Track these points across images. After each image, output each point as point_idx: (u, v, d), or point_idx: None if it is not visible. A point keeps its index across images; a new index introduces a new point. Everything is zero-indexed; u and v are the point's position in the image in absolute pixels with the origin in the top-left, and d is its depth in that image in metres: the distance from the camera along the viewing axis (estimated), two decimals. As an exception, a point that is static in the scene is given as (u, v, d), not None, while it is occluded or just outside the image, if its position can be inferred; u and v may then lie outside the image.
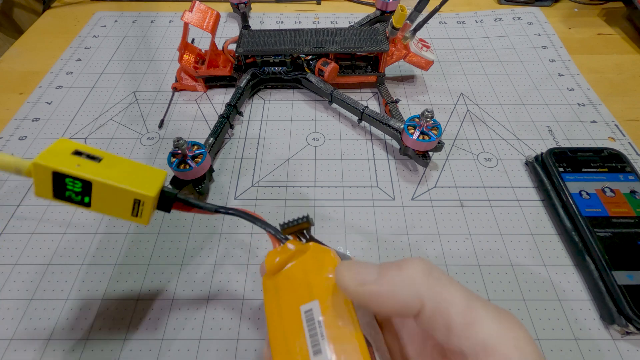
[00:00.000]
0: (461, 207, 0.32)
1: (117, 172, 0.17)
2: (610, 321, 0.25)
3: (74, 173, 0.16)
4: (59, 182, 0.17)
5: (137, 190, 0.17)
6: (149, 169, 0.18)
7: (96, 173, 0.17)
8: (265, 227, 0.18)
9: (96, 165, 0.17)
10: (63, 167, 0.16)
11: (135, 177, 0.18)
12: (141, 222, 0.18)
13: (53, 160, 0.16)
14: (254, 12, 0.54)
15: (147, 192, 0.17)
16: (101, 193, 0.17)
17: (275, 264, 0.17)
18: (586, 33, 0.50)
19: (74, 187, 0.17)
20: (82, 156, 0.17)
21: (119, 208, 0.18)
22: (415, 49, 0.39)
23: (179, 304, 0.27)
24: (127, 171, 0.18)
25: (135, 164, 0.18)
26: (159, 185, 0.18)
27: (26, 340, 0.25)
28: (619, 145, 0.36)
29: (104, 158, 0.18)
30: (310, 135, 0.38)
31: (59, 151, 0.17)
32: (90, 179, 0.17)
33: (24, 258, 0.29)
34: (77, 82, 0.43)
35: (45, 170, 0.16)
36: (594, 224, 0.28)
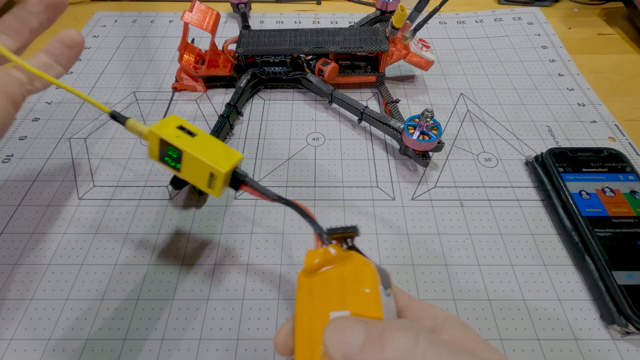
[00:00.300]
0: (461, 207, 0.32)
1: (203, 148, 0.20)
2: (610, 321, 0.25)
3: (171, 142, 0.20)
4: (163, 148, 0.21)
5: (212, 165, 0.20)
6: (230, 150, 0.21)
7: (187, 145, 0.20)
8: (312, 225, 0.19)
9: (190, 139, 0.21)
10: (166, 136, 0.20)
11: (216, 154, 0.20)
12: (213, 194, 0.21)
13: (162, 130, 0.20)
14: (254, 12, 0.54)
15: (220, 169, 0.20)
16: (188, 162, 0.20)
17: (314, 264, 0.17)
18: (586, 33, 0.50)
19: (172, 154, 0.21)
20: (183, 131, 0.21)
21: (199, 178, 0.20)
22: (415, 49, 0.39)
23: (179, 304, 0.27)
24: (211, 148, 0.21)
25: (221, 144, 0.21)
26: (232, 165, 0.20)
27: (26, 340, 0.25)
28: (619, 145, 0.36)
29: (198, 135, 0.21)
30: (310, 135, 0.38)
31: (168, 124, 0.21)
32: (182, 148, 0.20)
33: (24, 258, 0.29)
34: (77, 82, 0.43)
35: (155, 136, 0.20)
36: (594, 224, 0.28)
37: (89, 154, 0.36)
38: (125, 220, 0.31)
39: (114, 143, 0.37)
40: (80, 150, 0.36)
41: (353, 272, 0.17)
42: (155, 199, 0.33)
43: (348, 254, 0.18)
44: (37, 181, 0.34)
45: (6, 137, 0.37)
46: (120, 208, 0.32)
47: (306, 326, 0.17)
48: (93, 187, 0.33)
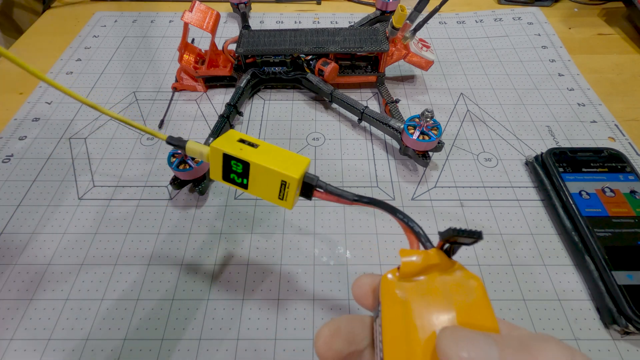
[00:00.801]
0: (461, 207, 0.32)
1: (269, 157, 0.20)
2: (610, 321, 0.25)
3: (236, 155, 0.19)
4: (227, 165, 0.20)
5: (283, 172, 0.19)
6: (296, 156, 0.20)
7: (253, 157, 0.19)
8: (410, 224, 0.16)
9: (254, 150, 0.20)
10: (230, 150, 0.20)
11: (284, 162, 0.19)
12: (286, 207, 0.20)
13: (224, 145, 0.20)
14: (254, 12, 0.54)
15: (292, 174, 0.19)
16: (256, 174, 0.20)
17: (412, 268, 0.15)
18: (586, 33, 0.50)
19: (237, 169, 0.20)
20: (244, 143, 0.20)
21: (269, 190, 0.20)
22: (415, 49, 0.39)
23: (179, 304, 0.27)
24: (278, 156, 0.20)
25: (284, 151, 0.20)
26: (303, 169, 0.19)
27: (26, 340, 0.25)
28: (619, 145, 0.36)
29: (260, 145, 0.20)
30: (310, 135, 0.38)
31: (228, 139, 0.20)
32: (248, 160, 0.19)
33: (24, 258, 0.29)
34: (77, 82, 0.43)
35: (218, 152, 0.20)
36: (594, 224, 0.28)
37: (89, 154, 0.36)
38: (125, 220, 0.31)
39: (114, 143, 0.37)
40: (80, 150, 0.36)
41: (459, 285, 0.14)
42: (155, 199, 0.33)
43: (452, 263, 0.15)
44: (37, 181, 0.34)
45: (6, 137, 0.37)
46: (120, 208, 0.32)
47: (401, 338, 0.14)
48: (93, 187, 0.33)
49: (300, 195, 0.20)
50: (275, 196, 0.20)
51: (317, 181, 0.20)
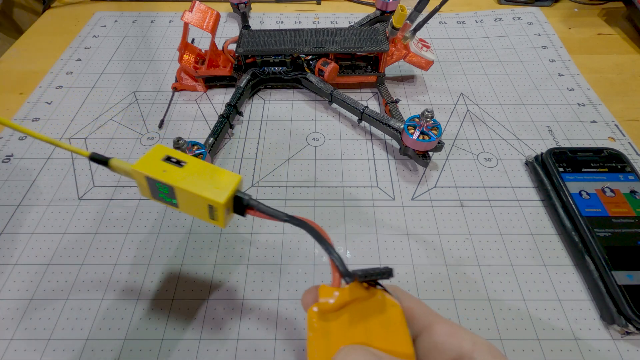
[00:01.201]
0: (461, 207, 0.32)
1: (195, 178, 0.18)
2: (610, 321, 0.25)
3: (159, 178, 0.18)
4: (153, 185, 0.19)
5: (208, 197, 0.18)
6: (226, 174, 0.19)
7: (177, 179, 0.18)
8: (331, 255, 0.16)
9: (179, 170, 0.19)
10: (152, 173, 0.18)
11: (211, 182, 0.18)
12: (218, 225, 0.19)
13: (146, 166, 0.18)
14: (254, 12, 0.54)
15: (218, 199, 0.18)
16: (182, 197, 0.19)
17: (330, 305, 0.15)
18: (586, 33, 0.50)
19: (164, 190, 0.19)
20: (170, 162, 0.19)
21: (199, 211, 0.19)
22: (415, 49, 0.39)
23: (179, 304, 0.27)
24: (205, 176, 0.19)
25: (215, 169, 0.19)
26: (231, 191, 0.18)
27: (26, 340, 0.25)
28: (619, 145, 0.36)
29: (188, 163, 0.19)
30: (310, 135, 0.38)
31: (153, 157, 0.19)
32: (171, 184, 0.18)
33: (24, 258, 0.29)
34: (77, 82, 0.43)
35: (140, 175, 0.18)
36: (594, 224, 0.28)
37: (89, 154, 0.36)
38: (125, 220, 0.31)
39: (114, 143, 0.37)
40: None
41: (378, 314, 0.15)
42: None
43: (372, 292, 0.15)
44: (37, 181, 0.34)
45: (6, 137, 0.37)
46: (120, 208, 0.32)
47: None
48: (93, 187, 0.33)
49: (235, 212, 0.19)
50: (207, 216, 0.19)
51: (248, 201, 0.19)
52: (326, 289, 0.15)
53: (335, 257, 0.16)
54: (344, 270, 0.16)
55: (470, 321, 0.26)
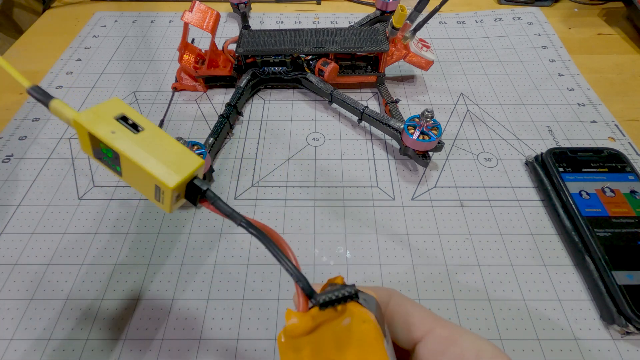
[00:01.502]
0: (461, 207, 0.32)
1: (149, 150, 0.15)
2: (610, 321, 0.25)
3: (104, 140, 0.15)
4: (95, 144, 0.16)
5: (157, 177, 0.15)
6: (188, 154, 0.16)
7: (126, 145, 0.15)
8: (292, 275, 0.14)
9: (132, 136, 0.16)
10: (97, 131, 0.15)
11: (167, 160, 0.15)
12: (164, 209, 0.16)
13: (93, 121, 0.15)
14: (254, 12, 0.54)
15: (167, 182, 0.15)
16: (128, 167, 0.16)
17: (299, 330, 0.14)
18: (586, 33, 0.50)
19: (107, 153, 0.16)
20: (124, 123, 0.16)
21: (144, 187, 0.16)
22: (415, 49, 0.39)
23: (179, 304, 0.27)
24: (161, 151, 0.16)
25: (176, 144, 0.16)
26: (185, 176, 0.15)
27: (26, 340, 0.25)
28: (619, 145, 0.36)
29: (145, 129, 0.16)
30: (310, 135, 0.38)
31: (104, 111, 0.16)
32: (117, 150, 0.15)
33: (24, 258, 0.29)
34: (77, 82, 0.43)
35: (82, 129, 0.16)
36: (594, 224, 0.28)
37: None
38: (125, 220, 0.31)
39: (114, 143, 0.37)
40: (81, 150, 0.36)
41: (350, 332, 0.14)
42: (155, 199, 0.33)
43: (343, 310, 0.14)
44: (37, 181, 0.34)
45: (6, 137, 0.37)
46: (120, 208, 0.32)
47: None
48: (93, 187, 0.33)
49: (186, 198, 0.16)
50: (152, 196, 0.16)
51: (206, 191, 0.16)
52: (292, 313, 0.14)
53: (297, 277, 0.14)
54: (309, 292, 0.14)
55: (470, 321, 0.26)
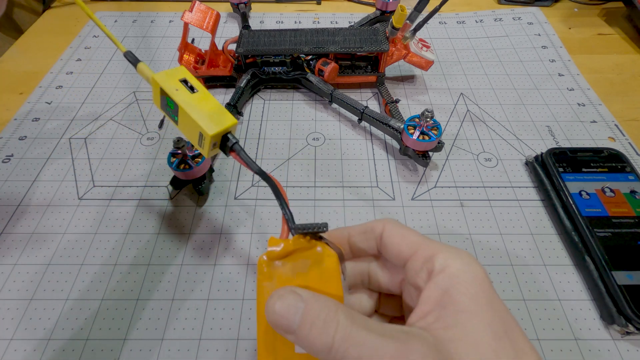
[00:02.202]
0: (461, 207, 0.32)
1: (199, 105, 0.20)
2: (610, 321, 0.25)
3: (169, 93, 0.20)
4: (164, 97, 0.21)
5: (201, 125, 0.20)
6: (226, 114, 0.21)
7: (183, 100, 0.20)
8: (283, 210, 0.18)
9: (189, 94, 0.21)
10: (166, 87, 0.20)
11: (210, 115, 0.20)
12: (203, 153, 0.21)
13: (164, 80, 0.21)
14: (254, 12, 0.54)
15: (208, 130, 0.20)
16: (183, 117, 0.21)
17: (277, 253, 0.17)
18: (586, 33, 0.50)
19: (170, 105, 0.21)
20: (185, 84, 0.21)
21: (191, 134, 0.21)
22: (415, 49, 0.39)
23: (178, 304, 0.27)
24: (208, 108, 0.21)
25: (219, 106, 0.21)
26: (221, 129, 0.20)
27: (26, 340, 0.25)
28: (619, 145, 0.36)
29: (199, 92, 0.21)
30: (310, 135, 0.38)
31: (173, 74, 0.21)
32: (177, 102, 0.20)
33: (24, 258, 0.29)
34: (77, 82, 0.43)
35: (156, 84, 0.21)
36: (594, 224, 0.28)
37: (89, 154, 0.36)
38: (125, 220, 0.31)
39: (114, 143, 0.37)
40: (80, 150, 0.36)
41: (315, 260, 0.17)
42: (155, 199, 0.33)
43: (313, 244, 0.18)
44: (37, 181, 0.34)
45: (6, 137, 0.37)
46: (120, 208, 0.32)
47: None
48: (93, 187, 0.33)
49: (221, 149, 0.21)
50: (196, 142, 0.21)
51: (233, 143, 0.21)
52: (274, 240, 0.18)
53: (287, 212, 0.18)
54: (292, 224, 0.18)
55: (470, 321, 0.26)
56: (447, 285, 0.16)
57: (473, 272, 0.16)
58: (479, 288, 0.15)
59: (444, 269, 0.16)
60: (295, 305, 0.15)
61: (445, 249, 0.17)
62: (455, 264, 0.16)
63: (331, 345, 0.14)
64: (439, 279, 0.16)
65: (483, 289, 0.15)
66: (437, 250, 0.17)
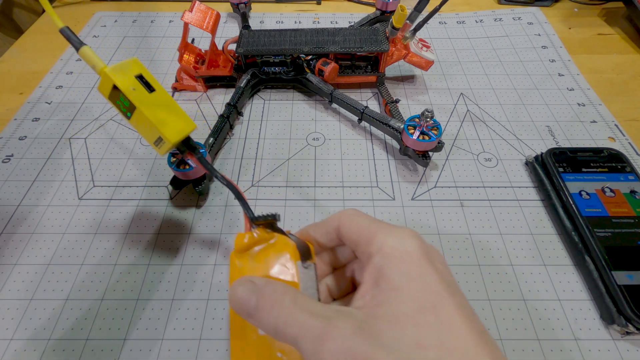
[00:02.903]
0: (461, 207, 0.32)
1: (158, 108, 0.20)
2: (610, 321, 0.25)
3: (127, 94, 0.20)
4: (115, 93, 0.20)
5: (163, 132, 0.20)
6: (185, 118, 0.21)
7: (142, 102, 0.20)
8: (244, 209, 0.20)
9: (147, 94, 0.20)
10: (122, 85, 0.19)
11: (171, 119, 0.21)
12: (158, 152, 0.22)
13: (118, 76, 0.20)
14: (254, 12, 0.54)
15: (170, 138, 0.20)
16: (139, 117, 0.20)
17: (243, 245, 0.19)
18: (586, 33, 0.50)
19: (123, 102, 0.20)
20: (141, 81, 0.20)
21: (147, 134, 0.21)
22: (415, 49, 0.39)
23: (179, 304, 0.27)
24: (166, 110, 0.21)
25: (176, 107, 0.21)
26: (184, 136, 0.21)
27: (26, 340, 0.25)
28: (619, 145, 0.36)
29: (157, 91, 0.21)
30: (310, 135, 0.38)
31: (126, 69, 0.20)
32: (137, 105, 0.20)
33: (24, 258, 0.29)
34: (77, 82, 0.43)
35: (108, 80, 0.20)
36: (594, 224, 0.28)
37: (89, 154, 0.36)
38: (125, 220, 0.31)
39: (114, 143, 0.37)
40: (80, 150, 0.36)
41: (276, 251, 0.19)
42: (155, 199, 0.33)
43: (272, 235, 0.20)
44: (37, 181, 0.34)
45: (6, 137, 0.37)
46: (120, 208, 0.32)
47: None
48: (93, 187, 0.33)
49: (177, 149, 0.22)
50: (151, 141, 0.21)
51: (196, 151, 0.22)
52: (240, 235, 0.20)
53: (247, 209, 0.20)
54: (251, 217, 0.20)
55: (470, 321, 0.26)
56: (381, 264, 0.17)
57: (405, 248, 0.17)
58: (409, 263, 0.16)
59: (380, 248, 0.17)
60: (251, 291, 0.16)
61: (384, 229, 0.18)
62: (389, 242, 0.17)
63: (275, 325, 0.15)
64: (376, 259, 0.17)
65: (414, 263, 0.16)
66: (377, 231, 0.18)
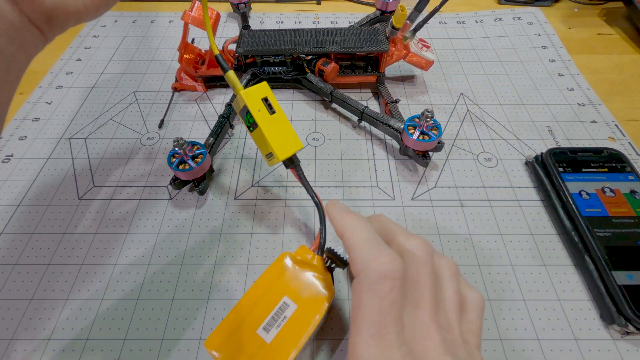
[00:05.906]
0: (461, 207, 0.32)
1: (275, 128, 0.25)
2: (610, 321, 0.25)
3: (254, 115, 0.24)
4: (245, 111, 0.25)
5: (275, 150, 0.25)
6: (295, 139, 0.26)
7: (264, 122, 0.25)
8: (322, 230, 0.25)
9: (268, 116, 0.25)
10: (251, 107, 0.24)
11: (282, 138, 0.25)
12: (268, 164, 0.27)
13: (250, 97, 0.24)
14: (254, 12, 0.54)
15: (280, 154, 0.25)
16: (259, 134, 0.25)
17: (299, 259, 0.22)
18: (586, 33, 0.50)
19: (249, 119, 0.25)
20: (265, 104, 0.25)
21: (262, 147, 0.26)
22: (415, 49, 0.39)
23: (179, 304, 0.27)
24: (282, 131, 0.25)
25: (290, 128, 0.26)
26: (291, 154, 0.26)
27: (26, 340, 0.25)
28: (619, 145, 0.36)
29: (277, 113, 0.25)
30: (310, 135, 0.38)
31: (256, 92, 0.25)
32: (259, 124, 0.24)
33: (24, 258, 0.29)
34: (77, 82, 0.43)
35: (242, 101, 0.25)
36: (593, 224, 0.28)
37: (89, 154, 0.36)
38: (125, 220, 0.31)
39: (114, 143, 0.37)
40: (80, 150, 0.36)
41: (316, 285, 0.22)
42: (155, 199, 0.33)
43: (326, 274, 0.22)
44: (37, 181, 0.34)
45: (6, 137, 0.37)
46: (120, 208, 0.32)
47: (260, 292, 0.22)
48: (93, 187, 0.33)
49: (284, 163, 0.26)
50: (264, 154, 0.26)
51: (298, 168, 0.27)
52: (304, 248, 0.23)
53: (323, 234, 0.24)
54: (322, 245, 0.24)
55: (470, 321, 0.26)
56: None
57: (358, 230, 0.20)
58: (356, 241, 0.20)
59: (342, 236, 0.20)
60: None
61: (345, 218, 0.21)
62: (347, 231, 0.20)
63: None
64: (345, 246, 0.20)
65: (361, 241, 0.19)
66: None
